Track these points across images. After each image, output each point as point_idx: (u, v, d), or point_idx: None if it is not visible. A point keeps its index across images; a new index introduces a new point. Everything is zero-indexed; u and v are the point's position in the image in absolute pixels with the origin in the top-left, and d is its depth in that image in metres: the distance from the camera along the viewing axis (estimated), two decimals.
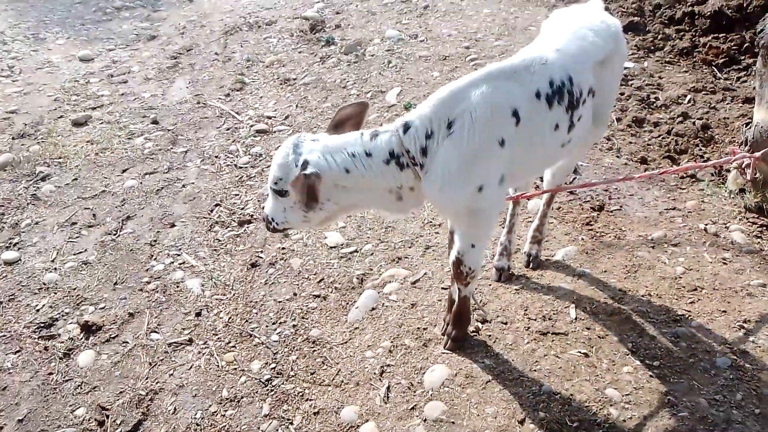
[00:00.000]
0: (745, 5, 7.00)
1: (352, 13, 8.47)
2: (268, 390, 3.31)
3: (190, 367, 3.54)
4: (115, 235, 4.75)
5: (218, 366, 3.52)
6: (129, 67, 8.01)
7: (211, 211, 4.95)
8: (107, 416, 3.31)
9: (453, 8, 8.07)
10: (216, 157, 5.74)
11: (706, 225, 4.04)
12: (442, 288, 3.73)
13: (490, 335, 3.35)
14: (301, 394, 3.25)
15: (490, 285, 3.71)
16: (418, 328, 3.48)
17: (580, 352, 3.17)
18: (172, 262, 4.42)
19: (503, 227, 3.81)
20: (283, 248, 4.37)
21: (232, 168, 5.52)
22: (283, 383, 3.33)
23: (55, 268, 4.44)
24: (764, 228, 4.00)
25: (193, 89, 7.19)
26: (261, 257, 4.35)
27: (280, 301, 3.90)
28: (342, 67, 6.97)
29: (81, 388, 3.49)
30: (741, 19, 6.96)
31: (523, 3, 8.02)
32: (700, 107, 5.81)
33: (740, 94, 5.98)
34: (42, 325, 3.93)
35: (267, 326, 3.74)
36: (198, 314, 3.92)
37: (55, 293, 4.20)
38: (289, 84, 6.90)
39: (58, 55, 8.47)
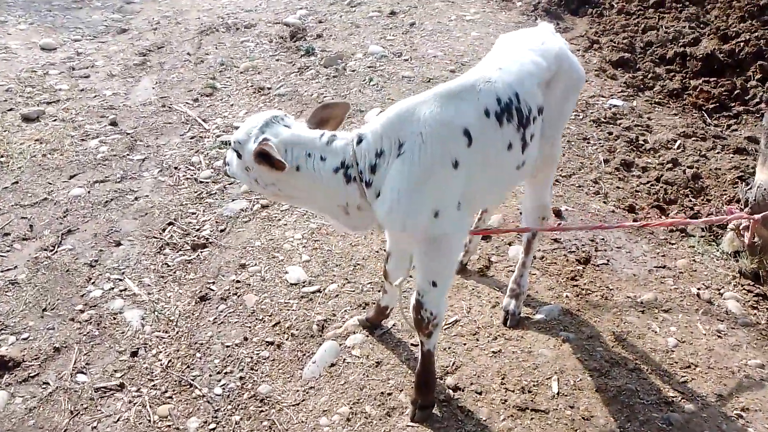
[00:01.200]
0: (737, 51, 6.86)
1: (336, 24, 8.09)
2: None
3: (117, 420, 3.08)
4: (51, 251, 4.25)
5: (149, 420, 3.06)
6: (93, 60, 7.48)
7: (163, 230, 4.49)
8: None
9: (440, 28, 7.76)
10: (176, 168, 5.27)
11: (699, 290, 3.74)
12: (412, 344, 3.34)
13: (462, 406, 2.97)
14: None
15: (464, 345, 3.34)
16: (382, 392, 3.07)
17: None
18: (112, 288, 3.95)
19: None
20: (238, 281, 3.93)
21: (191, 182, 5.07)
22: None
23: None
24: (760, 297, 3.72)
25: (160, 91, 6.70)
26: (212, 290, 3.90)
27: (228, 346, 3.46)
28: (320, 81, 6.58)
29: None
30: (733, 64, 6.82)
31: (514, 28, 7.75)
32: (689, 154, 5.57)
33: (730, 144, 5.77)
34: None
35: (211, 375, 3.29)
36: (134, 354, 3.46)
37: None
38: (263, 93, 6.47)
39: (18, 42, 7.88)
